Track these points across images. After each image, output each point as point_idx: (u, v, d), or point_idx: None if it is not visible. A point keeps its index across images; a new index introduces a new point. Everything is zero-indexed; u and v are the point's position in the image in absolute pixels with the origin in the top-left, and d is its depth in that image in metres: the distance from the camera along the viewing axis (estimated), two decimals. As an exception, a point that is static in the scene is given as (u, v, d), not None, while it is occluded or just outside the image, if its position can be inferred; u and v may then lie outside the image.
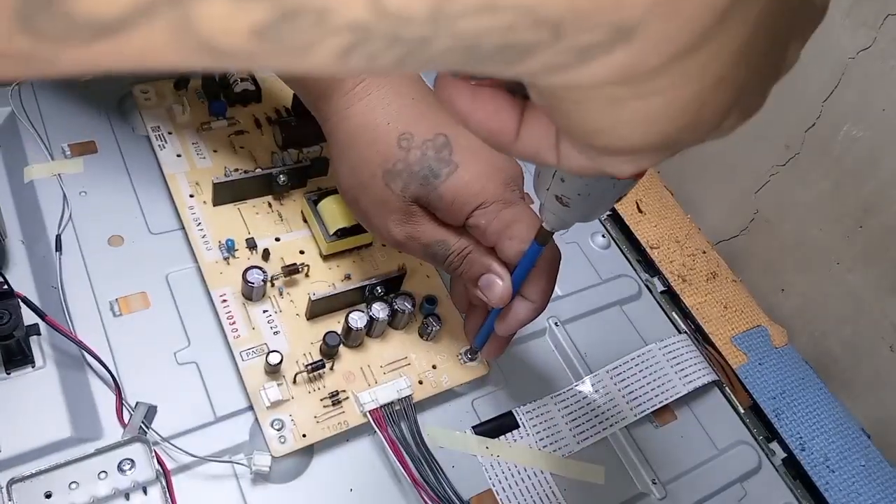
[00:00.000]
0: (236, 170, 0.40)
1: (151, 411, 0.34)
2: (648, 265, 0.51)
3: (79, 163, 0.42)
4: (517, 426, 0.39)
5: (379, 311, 0.37)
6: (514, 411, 0.39)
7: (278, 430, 0.34)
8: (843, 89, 0.49)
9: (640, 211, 0.59)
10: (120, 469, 0.31)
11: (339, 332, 0.37)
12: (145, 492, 0.32)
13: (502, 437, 0.38)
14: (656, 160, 0.16)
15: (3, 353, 0.33)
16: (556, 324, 0.44)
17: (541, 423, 0.39)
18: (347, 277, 0.40)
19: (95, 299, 0.37)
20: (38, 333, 0.35)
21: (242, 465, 0.33)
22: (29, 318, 0.33)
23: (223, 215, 0.40)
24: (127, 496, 0.31)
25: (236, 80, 0.45)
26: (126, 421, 0.33)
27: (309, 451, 0.35)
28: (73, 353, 0.35)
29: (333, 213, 0.39)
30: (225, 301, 0.37)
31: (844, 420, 0.50)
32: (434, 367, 0.38)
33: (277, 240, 0.40)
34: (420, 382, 0.38)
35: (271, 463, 0.33)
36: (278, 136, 0.43)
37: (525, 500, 0.37)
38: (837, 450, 0.48)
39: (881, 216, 0.48)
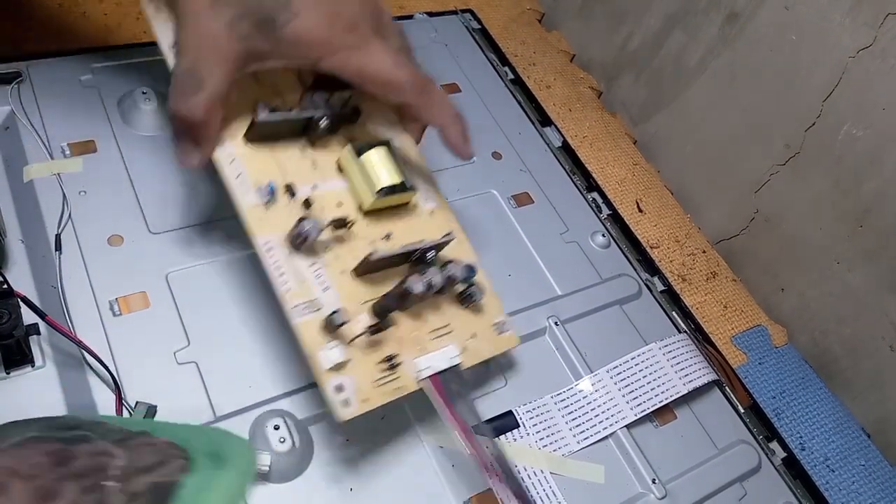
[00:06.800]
0: (274, 109, 0.35)
1: (151, 411, 0.34)
2: (648, 264, 0.51)
3: (78, 162, 0.42)
4: (517, 426, 0.39)
5: (436, 276, 0.35)
6: (514, 411, 0.39)
7: (340, 393, 0.31)
8: (843, 88, 0.49)
9: (640, 210, 0.59)
10: (120, 469, 0.31)
11: (390, 294, 0.35)
12: (145, 491, 0.32)
13: (502, 437, 0.38)
14: None
15: (2, 353, 0.33)
16: (556, 323, 0.44)
17: (541, 422, 0.39)
18: (388, 237, 0.37)
19: (95, 299, 0.37)
20: (38, 333, 0.35)
21: (242, 464, 0.33)
22: (28, 317, 0.33)
23: (257, 155, 0.35)
24: (127, 496, 0.31)
25: None
26: (126, 421, 0.33)
27: (309, 451, 0.35)
28: (72, 352, 0.35)
29: (379, 167, 0.36)
30: (271, 250, 0.33)
31: (844, 420, 0.50)
32: (474, 335, 0.37)
33: (314, 188, 0.36)
34: (464, 350, 0.36)
35: (271, 462, 0.33)
36: (308, 76, 0.38)
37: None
38: (837, 449, 0.48)
39: (881, 215, 0.48)
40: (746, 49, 0.55)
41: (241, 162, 0.34)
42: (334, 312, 0.32)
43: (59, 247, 0.38)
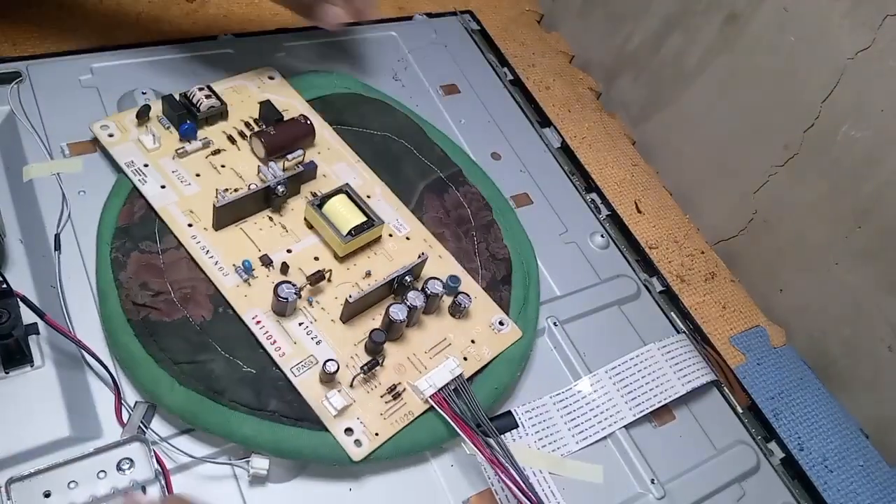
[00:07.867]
0: (227, 189, 0.39)
1: (150, 411, 0.34)
2: (647, 265, 0.51)
3: (78, 162, 0.42)
4: (516, 426, 0.39)
5: (415, 299, 0.37)
6: (513, 411, 0.39)
7: (351, 435, 0.34)
8: (841, 90, 0.49)
9: (638, 211, 0.59)
10: (119, 468, 0.31)
11: (380, 327, 0.37)
12: (144, 491, 0.32)
13: (501, 437, 0.38)
14: None
15: (2, 353, 0.33)
16: (554, 324, 0.44)
17: (540, 422, 0.39)
18: (368, 274, 0.40)
19: (94, 299, 0.37)
20: (38, 333, 0.35)
21: (241, 467, 0.33)
22: (28, 317, 0.33)
23: (228, 238, 0.39)
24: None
25: (200, 100, 0.43)
26: (125, 420, 0.33)
27: (308, 451, 0.36)
28: (72, 352, 0.35)
29: (341, 213, 0.39)
30: (259, 322, 0.36)
31: (843, 420, 0.50)
32: (473, 341, 0.39)
33: (289, 251, 0.39)
34: (465, 359, 0.38)
35: (270, 463, 0.33)
36: (260, 148, 0.42)
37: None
38: (836, 450, 0.49)
39: (880, 216, 0.49)
40: (745, 50, 0.55)
41: (213, 250, 0.38)
42: (325, 363, 0.34)
43: (58, 246, 0.38)
